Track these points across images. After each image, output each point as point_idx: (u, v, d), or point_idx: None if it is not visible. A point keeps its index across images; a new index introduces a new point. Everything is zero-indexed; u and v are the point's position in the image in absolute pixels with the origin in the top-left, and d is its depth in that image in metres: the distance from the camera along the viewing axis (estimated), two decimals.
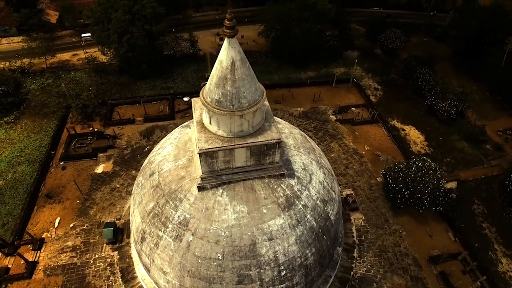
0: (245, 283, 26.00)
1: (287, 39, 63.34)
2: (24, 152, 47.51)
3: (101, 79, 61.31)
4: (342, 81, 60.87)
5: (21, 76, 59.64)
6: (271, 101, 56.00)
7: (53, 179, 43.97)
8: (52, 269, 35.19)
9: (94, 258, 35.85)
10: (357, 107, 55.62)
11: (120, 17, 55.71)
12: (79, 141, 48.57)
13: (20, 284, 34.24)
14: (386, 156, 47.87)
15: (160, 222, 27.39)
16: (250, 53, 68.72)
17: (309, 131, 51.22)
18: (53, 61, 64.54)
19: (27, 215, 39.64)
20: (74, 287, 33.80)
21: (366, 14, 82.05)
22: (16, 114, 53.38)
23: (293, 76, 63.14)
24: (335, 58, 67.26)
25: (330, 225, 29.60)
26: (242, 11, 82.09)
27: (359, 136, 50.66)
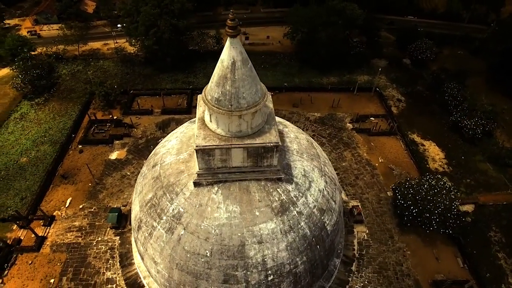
0: (231, 283, 26.03)
1: (312, 42, 62.53)
2: (48, 133, 50.27)
3: (127, 69, 63.56)
4: (364, 89, 59.25)
5: (55, 61, 63.18)
6: (288, 104, 55.96)
7: (70, 161, 46.21)
8: (58, 245, 37.04)
9: (97, 240, 37.31)
10: (376, 117, 53.85)
11: (149, 11, 57.47)
12: (98, 127, 50.68)
13: (28, 255, 36.32)
14: (400, 170, 46.05)
15: (155, 213, 28.02)
16: (274, 54, 68.75)
17: (323, 137, 50.36)
18: (85, 49, 67.73)
19: (43, 193, 41.95)
20: (75, 265, 35.37)
21: (398, 22, 79.16)
22: (46, 97, 56.55)
23: (314, 80, 62.25)
24: (361, 65, 65.53)
25: (325, 235, 28.94)
26: (272, 12, 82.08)
27: (374, 147, 49.08)
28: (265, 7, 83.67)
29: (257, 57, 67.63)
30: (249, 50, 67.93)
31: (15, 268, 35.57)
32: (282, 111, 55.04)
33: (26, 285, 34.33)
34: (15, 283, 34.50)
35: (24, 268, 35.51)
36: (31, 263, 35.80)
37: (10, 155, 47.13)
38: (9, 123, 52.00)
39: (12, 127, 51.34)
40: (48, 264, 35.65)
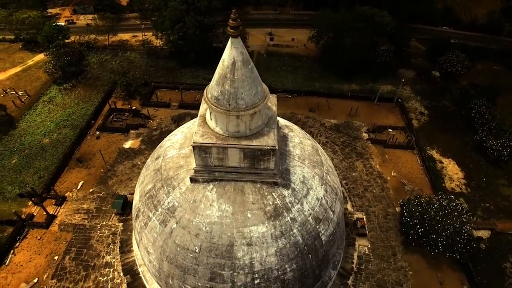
0: (217, 281, 26.12)
1: (337, 47, 61.43)
2: (71, 117, 52.80)
3: (151, 62, 65.42)
4: (385, 99, 57.31)
5: (86, 50, 66.33)
6: (305, 108, 55.26)
7: (87, 145, 48.27)
8: (65, 225, 38.84)
9: (101, 224, 38.73)
10: (395, 129, 51.94)
11: (177, 6, 58.78)
12: (116, 115, 52.57)
13: (38, 231, 38.39)
14: (412, 186, 44.15)
15: (152, 204, 28.64)
16: (297, 56, 68.17)
17: (336, 145, 49.30)
18: (114, 39, 70.46)
19: (58, 174, 44.13)
20: (79, 246, 36.94)
21: (432, 33, 75.81)
22: (73, 83, 59.40)
23: (335, 86, 61.02)
24: (385, 74, 63.42)
25: (319, 245, 28.31)
26: (301, 14, 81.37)
27: (389, 159, 47.37)
28: (294, 9, 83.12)
29: (280, 59, 67.57)
30: (273, 51, 69.13)
31: (25, 242, 37.70)
32: (298, 115, 54.47)
33: (33, 259, 36.27)
34: (24, 255, 36.56)
35: (33, 243, 37.55)
36: (40, 239, 37.80)
37: (35, 135, 49.96)
38: (38, 105, 55.12)
39: (40, 109, 54.40)
40: (54, 242, 37.47)
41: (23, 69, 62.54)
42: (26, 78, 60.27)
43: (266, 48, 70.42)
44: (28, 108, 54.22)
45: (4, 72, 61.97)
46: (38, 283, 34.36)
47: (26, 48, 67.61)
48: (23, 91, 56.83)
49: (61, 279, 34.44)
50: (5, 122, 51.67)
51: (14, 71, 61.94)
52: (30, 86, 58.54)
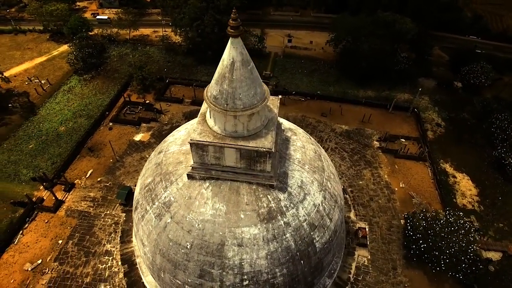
0: (206, 279, 26.22)
1: (355, 53, 60.28)
2: (87, 107, 54.58)
3: (169, 57, 66.59)
4: (401, 108, 55.71)
5: (107, 43, 68.46)
6: (317, 112, 54.64)
7: (99, 135, 49.73)
8: (72, 211, 40.19)
9: (105, 213, 39.81)
10: (407, 140, 50.40)
11: (196, 4, 59.55)
12: (130, 108, 53.85)
13: (45, 215, 39.94)
14: (421, 199, 42.69)
15: (150, 197, 29.10)
16: (314, 59, 67.48)
17: (345, 151, 48.40)
18: (135, 34, 72.23)
19: (70, 161, 45.71)
20: (82, 232, 38.14)
21: (457, 41, 73.02)
22: (93, 74, 61.38)
23: (350, 92, 59.94)
24: (404, 82, 61.67)
25: (312, 252, 27.85)
26: (322, 17, 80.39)
27: (398, 170, 46.02)
28: (316, 11, 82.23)
29: (296, 61, 67.12)
30: (291, 53, 68.79)
31: (34, 224, 39.33)
32: (309, 118, 53.91)
33: (39, 241, 37.78)
34: (31, 236, 38.14)
35: (40, 225, 39.12)
36: (47, 222, 39.32)
37: (52, 122, 51.98)
38: (58, 94, 57.32)
39: (59, 98, 56.55)
40: (60, 226, 38.87)
41: (48, 58, 65.21)
42: (50, 68, 62.82)
43: (284, 49, 70.08)
44: (49, 96, 56.51)
45: (31, 60, 64.84)
46: (41, 264, 35.74)
47: (53, 38, 70.48)
48: (45, 80, 59.24)
49: (63, 263, 35.67)
50: (27, 108, 54.17)
51: (39, 60, 64.70)
52: (52, 75, 60.96)
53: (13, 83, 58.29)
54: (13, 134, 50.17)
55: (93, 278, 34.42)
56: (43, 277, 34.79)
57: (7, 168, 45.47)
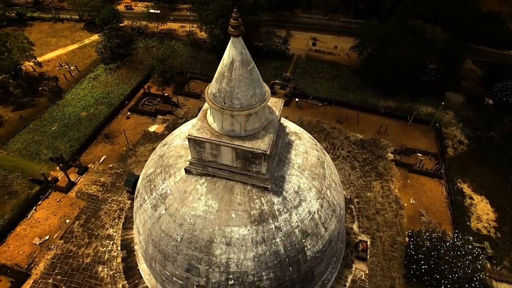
0: (193, 273, 26.50)
1: (380, 60, 58.48)
2: (109, 96, 56.76)
3: (193, 53, 67.80)
4: (421, 121, 53.38)
5: (136, 35, 70.81)
6: (332, 119, 53.62)
7: (116, 123, 51.56)
8: (82, 193, 41.98)
9: (112, 199, 41.24)
10: (424, 155, 48.22)
11: (222, 1, 60.13)
12: (149, 99, 55.37)
13: (57, 194, 42.00)
14: (431, 218, 40.74)
15: (149, 188, 29.83)
16: (337, 65, 66.20)
17: (356, 161, 47.12)
18: (163, 27, 74.12)
19: (86, 145, 47.72)
20: (88, 214, 39.76)
21: (493, 55, 68.83)
22: (119, 64, 63.71)
23: (370, 100, 58.22)
24: (429, 95, 59.01)
25: (303, 260, 27.37)
26: (350, 22, 78.56)
27: (410, 185, 44.17)
28: (345, 16, 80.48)
29: (319, 65, 66.13)
30: (314, 56, 67.95)
31: (46, 201, 41.48)
32: (324, 124, 52.97)
33: (50, 218, 39.80)
34: (43, 213, 40.27)
35: (52, 204, 41.18)
36: (58, 201, 41.33)
37: (75, 107, 54.53)
38: (84, 81, 60.02)
39: (85, 85, 59.20)
40: (69, 206, 40.73)
41: (80, 46, 68.43)
42: (80, 55, 65.89)
43: (307, 52, 69.26)
44: (75, 82, 59.31)
45: (64, 47, 68.32)
46: (48, 240, 37.64)
47: (86, 28, 73.89)
48: (74, 66, 62.23)
49: (67, 241, 37.36)
50: (55, 92, 57.17)
51: (72, 48, 68.05)
52: (81, 62, 63.91)
53: (45, 67, 61.73)
54: (40, 115, 53.15)
55: (92, 260, 35.78)
56: (49, 252, 36.63)
57: (30, 147, 48.23)
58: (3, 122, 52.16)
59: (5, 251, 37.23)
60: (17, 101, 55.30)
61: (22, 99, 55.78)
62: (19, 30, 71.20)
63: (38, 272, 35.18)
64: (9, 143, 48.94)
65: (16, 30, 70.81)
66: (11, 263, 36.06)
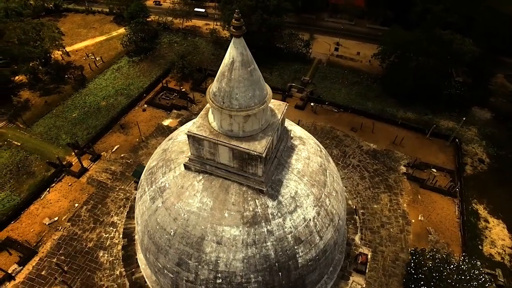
0: (183, 268, 26.82)
1: (402, 69, 56.64)
2: (129, 87, 58.54)
3: (215, 51, 68.58)
4: (440, 135, 51.14)
5: (161, 30, 72.58)
6: (347, 126, 52.59)
7: (132, 115, 53.09)
8: (92, 180, 43.57)
9: (120, 187, 42.52)
10: (440, 171, 46.17)
11: (246, 1, 60.39)
12: (166, 93, 56.59)
13: (70, 179, 43.84)
14: (439, 237, 38.96)
15: (150, 180, 30.48)
16: (358, 72, 64.78)
17: (366, 171, 45.90)
18: (188, 24, 75.50)
19: (102, 134, 49.47)
20: (96, 200, 41.21)
21: None
22: (142, 57, 65.61)
23: (388, 110, 56.47)
24: (452, 109, 56.41)
25: (293, 267, 26.99)
26: (376, 29, 76.57)
27: (420, 201, 42.46)
28: (372, 22, 78.57)
29: (339, 71, 65.02)
30: (335, 61, 66.93)
31: (59, 184, 43.41)
32: (338, 131, 51.99)
33: (60, 201, 41.62)
34: (55, 195, 42.18)
35: (64, 187, 43.04)
36: (70, 185, 43.13)
37: (96, 96, 56.69)
38: (108, 72, 62.25)
39: (108, 75, 61.40)
40: (80, 191, 42.39)
41: (107, 38, 71.05)
42: (106, 47, 68.39)
43: (329, 57, 68.23)
44: (99, 72, 61.63)
45: (93, 39, 71.21)
46: (57, 222, 39.37)
47: (115, 21, 76.64)
48: (100, 57, 64.66)
49: (74, 224, 38.92)
50: (79, 81, 59.68)
51: (99, 39, 70.80)
52: (107, 54, 66.31)
53: (73, 57, 64.62)
54: (63, 102, 55.70)
55: (95, 244, 37.07)
56: (56, 233, 38.32)
57: (51, 131, 50.66)
58: (30, 106, 55.12)
59: (18, 227, 39.31)
60: (44, 87, 58.21)
61: (49, 85, 58.66)
62: (54, 20, 75.02)
63: (44, 250, 36.89)
64: (33, 126, 51.63)
65: (52, 20, 74.65)
66: (22, 239, 38.02)
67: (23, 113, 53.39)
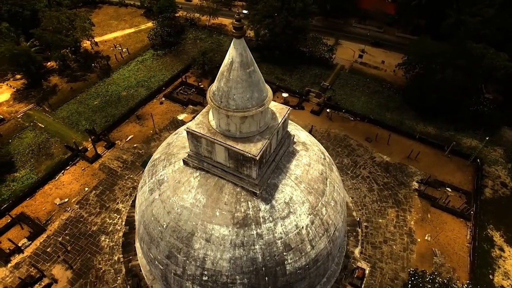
0: (172, 261, 27.24)
1: (427, 81, 54.26)
2: (150, 80, 60.18)
3: None
4: (461, 154, 48.53)
5: (188, 26, 73.93)
6: (361, 135, 51.33)
7: (149, 107, 54.53)
8: (104, 166, 45.24)
9: (129, 176, 43.85)
10: (455, 190, 43.84)
11: (271, 2, 60.28)
12: (184, 89, 57.66)
13: (83, 163, 45.77)
14: (444, 261, 37.03)
15: (151, 172, 31.20)
16: (380, 81, 62.87)
17: (376, 183, 44.46)
18: (214, 22, 76.41)
19: (118, 123, 51.20)
20: (105, 187, 42.76)
21: None
22: (166, 51, 67.19)
23: (408, 123, 54.33)
24: (477, 127, 53.32)
25: (281, 273, 26.67)
26: (405, 38, 73.83)
27: (429, 220, 40.54)
28: (402, 31, 75.83)
29: (361, 78, 63.38)
30: (358, 69, 65.45)
31: (73, 168, 45.45)
32: (351, 140, 50.74)
33: (72, 183, 43.56)
34: (68, 178, 44.21)
35: (77, 171, 44.99)
36: (83, 170, 45.02)
37: (118, 86, 58.75)
38: (132, 63, 64.31)
39: (132, 67, 63.43)
40: (91, 176, 44.15)
41: (135, 31, 73.41)
42: (134, 39, 70.68)
43: (352, 64, 66.67)
44: (124, 64, 63.82)
45: (122, 30, 73.85)
46: (67, 203, 41.25)
47: (145, 14, 78.99)
48: (126, 49, 66.92)
49: (82, 207, 40.59)
50: (104, 70, 62.11)
51: (128, 31, 73.29)
52: (133, 46, 68.53)
53: (101, 47, 67.34)
54: (87, 89, 58.18)
55: (98, 229, 38.48)
56: (64, 213, 40.15)
57: (73, 117, 53.09)
58: (57, 91, 58.07)
59: (32, 204, 41.56)
60: (72, 74, 61.08)
61: (77, 72, 61.48)
62: (89, 11, 78.49)
63: (52, 229, 38.77)
64: (58, 110, 54.32)
65: (87, 11, 78.13)
66: (34, 216, 40.15)
67: (50, 97, 56.31)
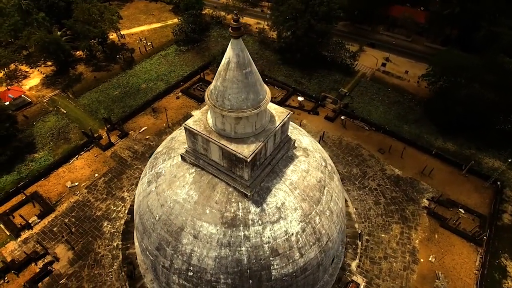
0: (161, 253, 27.71)
1: (450, 95, 51.74)
2: (170, 74, 61.54)
3: (259, 50, 69.09)
4: (479, 174, 45.80)
5: (213, 24, 74.93)
6: (374, 146, 49.98)
7: (166, 101, 55.76)
8: (115, 155, 46.78)
9: (137, 166, 45.08)
10: (468, 212, 41.47)
11: (295, 4, 59.79)
12: (201, 85, 58.39)
13: (97, 150, 47.61)
14: (447, 286, 35.05)
15: (152, 164, 31.89)
16: (402, 91, 60.77)
17: (383, 196, 42.96)
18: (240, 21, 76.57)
19: (134, 114, 52.76)
20: (114, 174, 44.25)
21: None
22: (189, 47, 68.49)
23: (426, 137, 52.03)
24: (503, 147, 50.10)
25: (266, 277, 26.38)
26: (434, 48, 70.70)
27: (436, 241, 38.59)
28: (431, 41, 72.72)
29: (382, 88, 61.55)
30: (380, 77, 63.75)
31: (87, 153, 47.39)
32: (363, 150, 49.33)
33: (84, 168, 45.42)
34: (81, 163, 46.14)
35: (90, 157, 46.83)
36: (96, 156, 46.81)
37: (139, 79, 60.55)
38: (155, 57, 66.08)
39: (154, 60, 65.17)
40: (102, 163, 45.80)
41: (162, 26, 75.35)
42: (159, 33, 72.56)
43: (374, 72, 64.78)
44: (147, 57, 65.69)
45: (149, 24, 76.06)
46: (76, 187, 43.06)
47: (173, 10, 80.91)
48: (150, 43, 68.81)
49: (90, 192, 42.22)
50: (128, 62, 64.25)
51: (155, 26, 75.36)
52: (158, 40, 70.35)
53: (127, 39, 69.69)
54: (110, 79, 60.44)
55: (102, 214, 39.85)
56: (73, 197, 41.93)
57: (93, 105, 55.33)
58: (81, 79, 60.75)
59: (45, 184, 43.75)
60: (97, 63, 63.65)
61: (102, 63, 64.03)
62: (121, 4, 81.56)
63: (60, 210, 40.63)
64: (80, 98, 56.83)
65: (119, 4, 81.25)
66: (46, 195, 42.24)
67: (74, 84, 59.01)
